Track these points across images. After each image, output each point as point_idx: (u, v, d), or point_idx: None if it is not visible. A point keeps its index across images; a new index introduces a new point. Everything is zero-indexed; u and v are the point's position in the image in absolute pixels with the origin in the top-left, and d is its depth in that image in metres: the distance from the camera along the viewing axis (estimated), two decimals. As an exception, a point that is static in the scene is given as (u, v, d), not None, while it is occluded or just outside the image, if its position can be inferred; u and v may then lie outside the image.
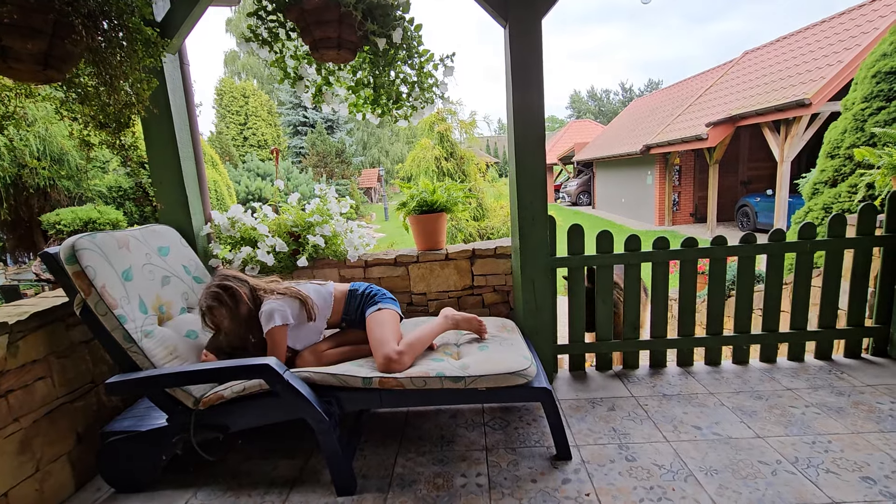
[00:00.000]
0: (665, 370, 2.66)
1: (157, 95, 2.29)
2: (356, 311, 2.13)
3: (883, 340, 2.65)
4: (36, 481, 1.72)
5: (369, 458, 2.01)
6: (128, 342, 1.74)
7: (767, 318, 2.64)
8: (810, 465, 1.79)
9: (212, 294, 1.90)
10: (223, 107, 25.91)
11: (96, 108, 1.75)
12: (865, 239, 2.52)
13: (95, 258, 1.74)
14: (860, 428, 2.01)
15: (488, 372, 1.83)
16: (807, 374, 2.51)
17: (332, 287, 2.18)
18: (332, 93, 2.35)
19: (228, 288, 1.92)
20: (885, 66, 3.81)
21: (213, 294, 1.89)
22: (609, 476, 1.81)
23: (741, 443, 1.96)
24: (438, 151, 7.40)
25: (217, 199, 7.46)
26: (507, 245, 2.69)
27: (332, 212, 2.74)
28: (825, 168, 4.23)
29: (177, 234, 2.34)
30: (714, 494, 1.67)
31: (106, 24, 1.68)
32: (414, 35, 2.13)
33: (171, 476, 1.94)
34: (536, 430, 2.14)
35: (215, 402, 1.80)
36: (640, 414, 2.23)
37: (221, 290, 1.91)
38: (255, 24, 2.02)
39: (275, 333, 1.88)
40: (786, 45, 11.70)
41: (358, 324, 2.14)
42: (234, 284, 1.93)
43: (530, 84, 2.28)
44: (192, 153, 2.53)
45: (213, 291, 1.90)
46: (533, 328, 2.48)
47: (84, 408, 1.97)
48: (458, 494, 1.75)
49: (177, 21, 2.27)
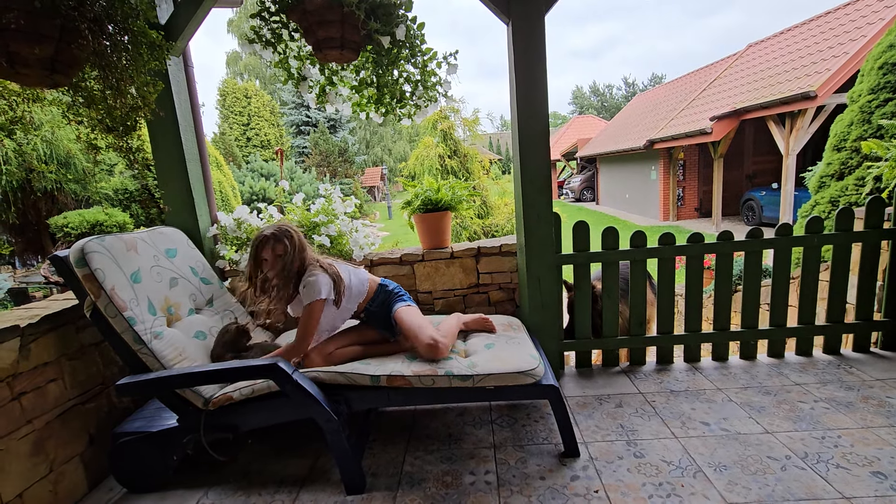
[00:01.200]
0: (672, 366, 2.66)
1: (163, 98, 2.30)
2: (382, 305, 2.12)
3: (892, 334, 2.63)
4: (50, 482, 1.74)
5: (378, 457, 2.02)
6: (138, 344, 1.75)
7: (775, 312, 2.63)
8: (820, 460, 1.79)
9: (284, 231, 1.93)
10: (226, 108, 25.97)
11: (103, 111, 1.76)
12: (873, 232, 2.50)
13: (105, 261, 1.75)
14: (870, 423, 2.00)
15: (497, 371, 1.83)
16: (815, 369, 2.49)
17: (367, 274, 2.19)
18: (336, 93, 2.35)
19: (295, 235, 1.96)
20: (891, 57, 3.77)
21: (284, 231, 1.93)
22: (618, 472, 1.81)
23: (750, 438, 1.95)
24: (442, 149, 7.40)
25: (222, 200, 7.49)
26: (512, 243, 2.69)
27: (336, 211, 2.75)
28: (832, 161, 4.20)
29: (184, 235, 2.35)
30: (723, 490, 1.67)
31: (111, 28, 1.69)
32: (417, 34, 2.13)
33: (183, 476, 1.96)
34: (544, 427, 2.15)
35: (225, 403, 1.81)
36: (648, 410, 2.22)
37: (292, 233, 1.95)
38: (258, 25, 2.03)
39: (315, 307, 1.89)
40: (790, 37, 11.59)
41: (379, 319, 2.13)
42: (298, 236, 1.98)
43: (533, 81, 2.28)
44: (197, 155, 2.55)
45: (286, 230, 1.94)
46: (539, 325, 2.48)
47: (95, 409, 1.99)
48: (467, 492, 1.76)
49: (180, 24, 2.28)
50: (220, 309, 2.32)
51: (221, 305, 2.35)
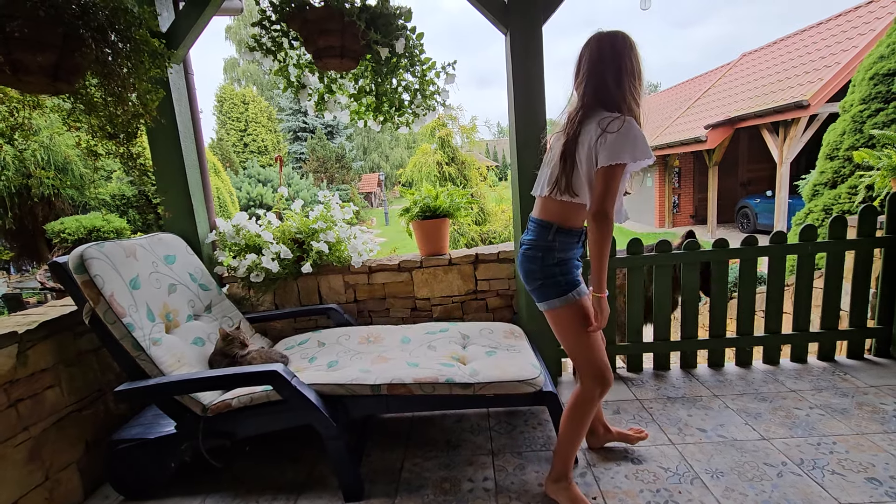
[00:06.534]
0: (669, 373, 2.67)
1: (163, 105, 2.31)
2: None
3: (885, 341, 2.65)
4: (46, 490, 1.73)
5: (376, 463, 2.02)
6: (136, 350, 1.75)
7: (770, 319, 2.65)
8: (815, 466, 1.80)
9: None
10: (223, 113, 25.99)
11: (104, 118, 1.77)
12: (866, 240, 2.53)
13: (104, 267, 1.75)
14: (865, 429, 2.01)
15: (497, 379, 1.83)
16: (810, 376, 2.51)
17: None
18: (335, 100, 2.37)
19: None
20: (882, 68, 3.83)
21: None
22: (615, 479, 1.81)
23: (746, 445, 1.97)
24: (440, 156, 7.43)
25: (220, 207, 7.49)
26: (509, 249, 2.70)
27: (335, 218, 2.76)
28: (825, 170, 4.25)
29: (182, 242, 2.36)
30: (720, 497, 1.68)
31: (114, 37, 1.71)
32: (416, 43, 2.16)
33: (180, 483, 1.95)
34: (542, 433, 2.15)
35: (223, 410, 1.81)
36: (645, 416, 2.23)
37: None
38: (259, 33, 2.05)
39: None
40: (783, 46, 11.75)
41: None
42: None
43: (531, 89, 2.30)
44: (196, 162, 2.56)
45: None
46: (537, 332, 2.49)
47: (92, 416, 1.98)
48: (465, 499, 1.76)
49: (181, 32, 2.30)
50: (218, 315, 2.32)
51: (220, 312, 2.35)
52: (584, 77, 1.53)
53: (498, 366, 1.93)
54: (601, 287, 1.52)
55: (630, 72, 1.49)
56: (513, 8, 2.25)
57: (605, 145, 1.41)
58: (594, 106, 1.51)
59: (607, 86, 1.49)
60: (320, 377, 1.88)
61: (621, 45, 1.49)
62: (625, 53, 1.49)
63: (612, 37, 1.50)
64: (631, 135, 1.41)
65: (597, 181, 1.44)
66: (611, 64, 1.49)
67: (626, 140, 1.40)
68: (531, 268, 1.62)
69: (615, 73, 1.49)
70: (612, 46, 1.49)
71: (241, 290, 2.70)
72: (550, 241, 1.58)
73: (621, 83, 1.49)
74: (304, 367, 2.13)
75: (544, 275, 1.59)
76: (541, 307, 1.65)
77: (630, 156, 1.40)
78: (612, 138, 1.40)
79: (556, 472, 1.70)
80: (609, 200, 1.42)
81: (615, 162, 1.39)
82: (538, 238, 1.61)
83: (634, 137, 1.41)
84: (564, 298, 1.57)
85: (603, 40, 1.51)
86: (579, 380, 1.65)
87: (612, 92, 1.49)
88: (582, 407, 1.63)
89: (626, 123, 1.42)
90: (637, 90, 1.52)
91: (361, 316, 2.79)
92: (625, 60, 1.48)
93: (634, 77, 1.50)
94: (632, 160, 1.41)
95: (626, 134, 1.40)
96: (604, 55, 1.50)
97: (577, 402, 1.64)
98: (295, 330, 2.77)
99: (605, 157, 1.40)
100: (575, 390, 1.65)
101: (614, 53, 1.49)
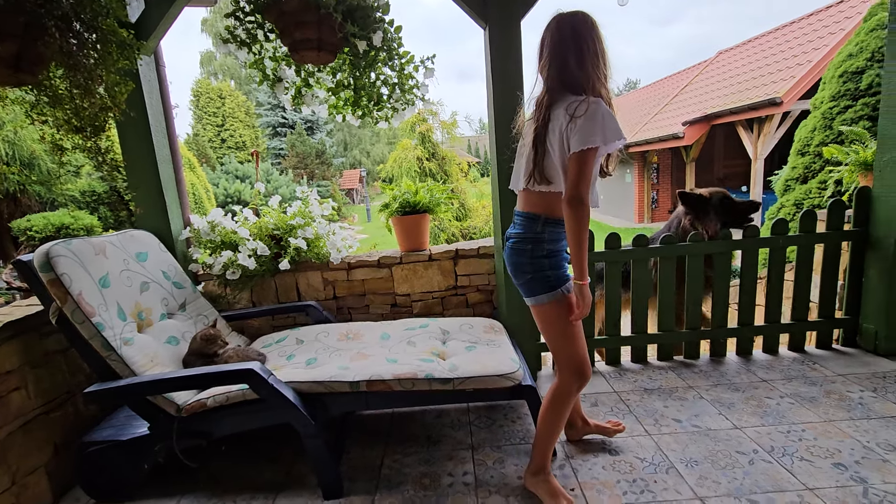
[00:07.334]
0: (646, 365, 2.72)
1: (133, 98, 2.24)
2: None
3: (852, 331, 2.75)
4: (12, 495, 1.67)
5: (356, 461, 2.01)
6: (107, 350, 1.70)
7: (743, 311, 2.72)
8: (785, 453, 1.86)
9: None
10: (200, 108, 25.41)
11: (70, 111, 1.71)
12: (834, 234, 2.61)
13: (71, 265, 1.70)
14: (832, 416, 2.08)
15: (477, 374, 1.83)
16: (781, 366, 2.59)
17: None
18: (312, 94, 2.33)
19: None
20: (851, 66, 3.95)
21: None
22: (593, 470, 1.84)
23: (720, 434, 2.01)
24: (420, 152, 7.41)
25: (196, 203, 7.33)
26: (489, 245, 2.71)
27: (314, 214, 2.72)
28: (796, 165, 4.37)
29: (155, 239, 2.30)
30: (694, 485, 1.72)
31: (79, 26, 1.65)
32: (394, 37, 2.13)
33: (154, 484, 1.91)
34: (521, 427, 2.17)
35: (198, 410, 1.77)
36: (622, 408, 2.27)
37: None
38: (232, 25, 2.00)
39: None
40: (757, 45, 12.01)
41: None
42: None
43: (511, 85, 2.31)
44: (169, 156, 2.49)
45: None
46: (516, 327, 2.50)
47: (61, 418, 1.93)
48: (445, 493, 1.77)
49: (152, 22, 2.24)
50: (193, 314, 2.27)
51: (195, 310, 2.30)
52: (547, 60, 1.52)
53: (477, 361, 1.94)
54: (582, 274, 1.51)
55: (593, 52, 1.47)
56: (491, 2, 2.24)
57: (575, 130, 1.40)
58: (559, 89, 1.50)
59: (569, 68, 1.48)
60: (298, 375, 1.86)
61: (581, 26, 1.48)
62: (585, 34, 1.47)
63: (572, 17, 1.49)
64: (599, 117, 1.39)
65: (570, 167, 1.43)
66: (572, 45, 1.47)
67: (595, 122, 1.39)
68: (520, 261, 1.60)
69: (577, 55, 1.47)
70: (572, 28, 1.48)
71: (217, 288, 2.65)
72: (539, 232, 1.57)
73: (583, 64, 1.47)
74: (281, 364, 2.10)
75: (533, 268, 1.57)
76: (528, 302, 1.64)
77: (601, 138, 1.39)
78: (580, 122, 1.40)
79: (534, 465, 1.71)
80: (583, 185, 1.41)
81: (586, 146, 1.38)
82: (526, 230, 1.59)
83: (603, 119, 1.40)
84: (552, 294, 1.56)
85: (563, 22, 1.49)
86: (557, 374, 1.66)
87: (574, 74, 1.48)
88: (559, 400, 1.64)
89: (591, 105, 1.40)
90: (602, 71, 1.50)
91: (341, 313, 2.76)
92: (586, 41, 1.47)
93: (598, 57, 1.48)
94: (603, 142, 1.39)
95: (594, 116, 1.39)
96: (564, 37, 1.48)
97: (554, 395, 1.65)
98: (273, 328, 2.73)
99: (576, 141, 1.40)
100: (553, 384, 1.66)
101: (575, 34, 1.47)
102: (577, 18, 1.49)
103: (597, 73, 1.49)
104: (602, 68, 1.50)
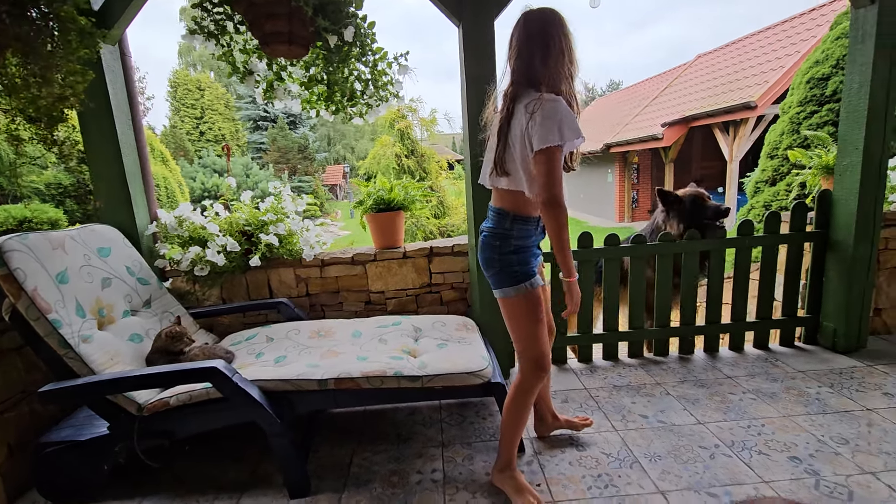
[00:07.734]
0: (617, 362, 2.76)
1: (95, 88, 2.18)
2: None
3: (813, 329, 2.84)
4: (-38, 498, 1.62)
5: (324, 459, 1.99)
6: (63, 348, 1.65)
7: (710, 310, 2.78)
8: (745, 447, 1.91)
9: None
10: (177, 100, 24.84)
11: (25, 101, 1.65)
12: (797, 235, 2.69)
13: (25, 260, 1.64)
14: (790, 411, 2.15)
15: (446, 371, 1.84)
16: (745, 363, 2.66)
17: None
18: (285, 88, 2.30)
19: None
20: (817, 72, 4.06)
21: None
22: (560, 466, 1.86)
23: (684, 429, 2.06)
24: (399, 149, 7.37)
25: (168, 197, 7.16)
26: (464, 243, 2.71)
27: (287, 210, 2.69)
28: (766, 168, 4.48)
29: (119, 233, 2.24)
30: (657, 479, 1.76)
31: (35, 13, 1.59)
32: (367, 32, 2.11)
33: (115, 485, 1.86)
34: (491, 424, 2.18)
35: (161, 409, 1.73)
36: (592, 405, 2.30)
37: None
38: (200, 15, 1.95)
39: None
40: (735, 49, 12.27)
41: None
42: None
43: (484, 82, 2.31)
44: (134, 148, 2.43)
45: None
46: (490, 324, 2.52)
47: (16, 418, 1.86)
48: (413, 491, 1.77)
49: (116, 11, 2.17)
50: (158, 311, 2.22)
51: (160, 307, 2.25)
52: (514, 53, 1.53)
53: (448, 358, 1.94)
54: (570, 272, 1.53)
55: (559, 49, 1.48)
56: (466, 1, 2.24)
57: (535, 128, 1.41)
58: (524, 84, 1.51)
59: (534, 65, 1.49)
60: (265, 373, 1.83)
61: (549, 24, 1.48)
62: (553, 31, 1.48)
63: (540, 14, 1.50)
64: (556, 115, 1.40)
65: (537, 169, 1.43)
66: (538, 42, 1.48)
67: (553, 121, 1.39)
68: (489, 255, 1.63)
69: (542, 52, 1.48)
70: (540, 25, 1.49)
71: (185, 285, 2.59)
72: (507, 228, 1.59)
73: (547, 62, 1.48)
74: (249, 362, 2.07)
75: (501, 263, 1.60)
76: (495, 294, 1.66)
77: (558, 136, 1.39)
78: (538, 120, 1.40)
79: (501, 462, 1.73)
80: (556, 186, 1.41)
81: (546, 145, 1.39)
82: (496, 226, 1.62)
83: (560, 117, 1.40)
84: (517, 288, 1.59)
85: (531, 18, 1.50)
86: (519, 368, 1.68)
87: (538, 71, 1.49)
88: (522, 395, 1.66)
89: (545, 104, 1.41)
90: (569, 69, 1.51)
91: (314, 310, 2.74)
92: (553, 38, 1.47)
93: (564, 55, 1.49)
94: (560, 141, 1.40)
95: (551, 115, 1.40)
96: (531, 33, 1.49)
97: (517, 390, 1.67)
98: (244, 325, 2.69)
99: (536, 140, 1.40)
100: (515, 380, 1.68)
101: (542, 32, 1.48)
102: (545, 15, 1.50)
103: (562, 70, 1.50)
104: (567, 65, 1.51)
